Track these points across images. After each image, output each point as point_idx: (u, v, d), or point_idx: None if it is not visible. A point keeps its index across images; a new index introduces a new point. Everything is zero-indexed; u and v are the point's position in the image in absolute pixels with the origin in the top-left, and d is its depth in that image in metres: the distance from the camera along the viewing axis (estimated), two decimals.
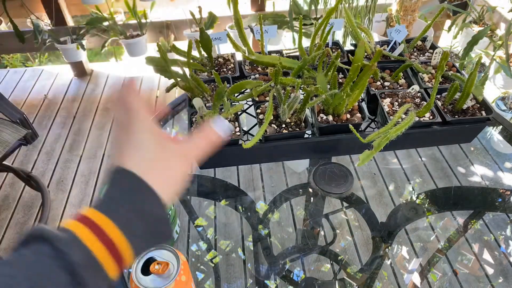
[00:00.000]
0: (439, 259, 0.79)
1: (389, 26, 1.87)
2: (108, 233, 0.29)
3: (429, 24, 0.95)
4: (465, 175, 0.96)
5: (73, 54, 2.14)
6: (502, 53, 1.80)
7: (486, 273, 0.76)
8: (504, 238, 0.82)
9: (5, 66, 2.71)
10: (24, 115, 1.35)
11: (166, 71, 0.81)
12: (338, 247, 0.82)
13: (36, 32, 2.00)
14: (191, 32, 2.11)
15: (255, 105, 0.85)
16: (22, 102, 2.22)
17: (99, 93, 2.28)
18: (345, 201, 0.89)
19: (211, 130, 0.40)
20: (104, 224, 0.30)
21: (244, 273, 0.76)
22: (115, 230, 0.30)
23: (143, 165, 0.34)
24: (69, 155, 1.88)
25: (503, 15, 1.97)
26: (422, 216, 0.86)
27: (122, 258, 0.30)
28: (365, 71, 0.71)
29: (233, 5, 0.87)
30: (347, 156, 0.96)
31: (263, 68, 0.96)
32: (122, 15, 2.46)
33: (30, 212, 1.61)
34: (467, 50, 1.34)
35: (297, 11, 1.90)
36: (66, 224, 0.30)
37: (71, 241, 0.28)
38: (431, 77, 0.91)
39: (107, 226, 0.30)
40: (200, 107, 0.76)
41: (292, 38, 1.86)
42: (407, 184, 0.95)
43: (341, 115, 0.80)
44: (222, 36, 0.95)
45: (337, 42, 1.04)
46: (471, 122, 0.81)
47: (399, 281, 0.75)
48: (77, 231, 0.29)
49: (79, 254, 0.28)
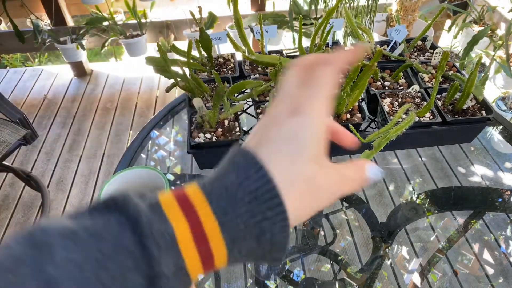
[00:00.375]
0: (439, 259, 0.79)
1: (389, 26, 1.87)
2: (211, 246, 0.22)
3: (429, 24, 0.94)
4: (465, 175, 0.96)
5: (73, 54, 2.14)
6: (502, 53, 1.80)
7: (486, 273, 0.76)
8: (504, 238, 0.82)
9: (5, 66, 2.71)
10: (24, 115, 1.35)
11: (166, 71, 0.81)
12: (338, 247, 0.82)
13: (36, 32, 2.00)
14: (191, 32, 2.11)
15: (255, 105, 0.85)
16: (22, 102, 2.22)
17: (99, 93, 2.28)
18: (345, 201, 0.89)
19: (364, 172, 0.28)
20: (211, 231, 0.22)
21: (244, 273, 0.76)
22: (220, 244, 0.22)
23: (288, 173, 0.23)
24: (69, 155, 1.88)
25: (503, 15, 1.97)
26: (422, 216, 0.86)
27: (209, 271, 0.23)
28: (365, 71, 0.71)
29: (233, 5, 0.87)
30: (347, 156, 0.96)
31: (263, 68, 0.96)
32: (122, 15, 2.46)
33: (30, 212, 1.61)
34: (467, 50, 1.34)
35: (297, 11, 1.90)
36: (166, 202, 0.22)
37: (166, 242, 0.21)
38: (431, 77, 0.91)
39: (212, 234, 0.22)
40: (200, 107, 0.76)
41: (292, 38, 1.85)
42: (407, 184, 0.95)
43: (341, 115, 0.80)
44: (222, 36, 0.94)
45: (337, 42, 1.04)
46: (471, 122, 0.81)
47: (399, 281, 0.75)
48: (177, 228, 0.21)
49: (170, 264, 0.21)
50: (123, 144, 1.93)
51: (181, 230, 0.21)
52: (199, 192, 0.22)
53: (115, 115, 2.12)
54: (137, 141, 0.95)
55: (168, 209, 0.22)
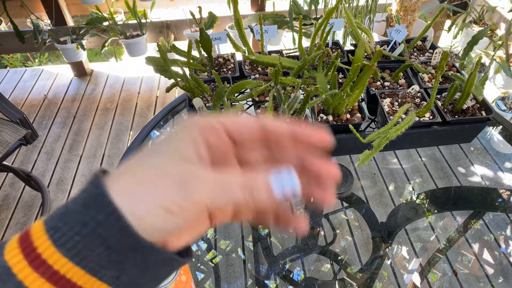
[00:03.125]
0: (439, 259, 0.79)
1: (389, 26, 1.87)
2: (51, 263, 0.21)
3: (429, 24, 0.95)
4: (465, 175, 0.96)
5: (73, 54, 2.14)
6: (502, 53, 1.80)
7: (486, 273, 0.76)
8: (504, 238, 0.82)
9: (5, 66, 2.71)
10: (24, 115, 1.35)
11: (166, 71, 0.81)
12: (338, 247, 0.82)
13: (36, 32, 2.00)
14: (191, 32, 2.11)
15: (255, 105, 0.85)
16: (22, 102, 2.22)
17: (99, 93, 2.28)
18: (345, 201, 0.89)
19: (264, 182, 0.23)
20: (45, 250, 0.21)
21: (244, 273, 0.76)
22: (61, 261, 0.21)
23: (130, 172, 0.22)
24: (69, 155, 1.88)
25: (503, 15, 1.96)
26: (422, 216, 0.86)
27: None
28: (365, 71, 0.71)
29: (233, 5, 0.87)
30: (347, 156, 0.96)
31: (263, 68, 0.96)
32: (122, 15, 2.46)
33: (30, 212, 1.61)
34: (467, 50, 1.34)
35: (297, 11, 1.90)
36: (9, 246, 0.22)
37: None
38: (431, 77, 0.91)
39: (48, 252, 0.21)
40: (200, 107, 0.76)
41: (292, 38, 1.85)
42: (407, 184, 0.95)
43: (341, 115, 0.80)
44: (222, 36, 0.95)
45: (337, 42, 1.04)
46: (471, 122, 0.81)
47: (399, 281, 0.75)
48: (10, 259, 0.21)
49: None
50: (123, 144, 1.93)
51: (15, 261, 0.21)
52: (41, 222, 0.22)
53: (115, 115, 2.12)
54: (137, 141, 0.95)
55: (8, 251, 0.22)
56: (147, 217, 0.21)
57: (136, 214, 0.21)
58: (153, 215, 0.21)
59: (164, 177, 0.22)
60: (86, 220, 0.21)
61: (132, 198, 0.21)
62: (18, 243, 0.21)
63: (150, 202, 0.21)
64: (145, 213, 0.21)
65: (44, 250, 0.21)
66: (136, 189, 0.21)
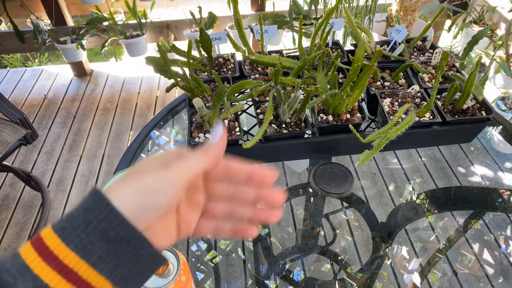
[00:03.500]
0: (439, 259, 0.79)
1: (389, 26, 1.87)
2: (61, 258, 0.25)
3: (429, 24, 0.95)
4: (465, 175, 0.96)
5: (73, 54, 2.14)
6: (502, 53, 1.80)
7: (486, 273, 0.76)
8: (504, 238, 0.82)
9: (5, 66, 2.71)
10: (24, 115, 1.35)
11: (166, 71, 0.81)
12: (338, 247, 0.82)
13: (36, 32, 2.00)
14: (191, 32, 2.11)
15: (255, 105, 0.85)
16: (22, 102, 2.22)
17: (99, 93, 2.28)
18: (345, 201, 0.89)
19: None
20: (57, 247, 0.25)
21: (244, 273, 0.76)
22: (70, 255, 0.25)
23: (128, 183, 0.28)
24: (69, 155, 1.88)
25: (503, 15, 1.96)
26: (422, 216, 0.86)
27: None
28: (365, 71, 0.71)
29: (233, 5, 0.87)
30: (347, 156, 0.96)
31: (263, 68, 0.96)
32: (122, 15, 2.46)
33: (30, 212, 1.61)
34: (467, 50, 1.34)
35: (297, 11, 1.90)
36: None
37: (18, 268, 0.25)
38: (431, 77, 0.91)
39: (60, 249, 0.25)
40: (200, 107, 0.76)
41: (292, 38, 1.85)
42: (407, 184, 0.95)
43: (341, 115, 0.80)
44: (222, 36, 0.95)
45: (337, 42, 1.04)
46: (471, 122, 0.81)
47: (399, 281, 0.75)
48: (26, 257, 0.25)
49: (29, 285, 0.24)
50: (123, 144, 1.93)
51: (31, 258, 0.25)
52: (49, 227, 0.26)
53: (115, 115, 2.12)
54: (137, 141, 0.95)
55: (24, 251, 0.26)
56: (134, 203, 0.27)
57: (125, 207, 0.26)
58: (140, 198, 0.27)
59: (147, 178, 0.28)
60: (90, 219, 0.26)
61: (124, 199, 0.27)
62: (31, 245, 0.26)
63: (135, 193, 0.27)
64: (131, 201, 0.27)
65: (56, 247, 0.25)
66: (126, 193, 0.27)
